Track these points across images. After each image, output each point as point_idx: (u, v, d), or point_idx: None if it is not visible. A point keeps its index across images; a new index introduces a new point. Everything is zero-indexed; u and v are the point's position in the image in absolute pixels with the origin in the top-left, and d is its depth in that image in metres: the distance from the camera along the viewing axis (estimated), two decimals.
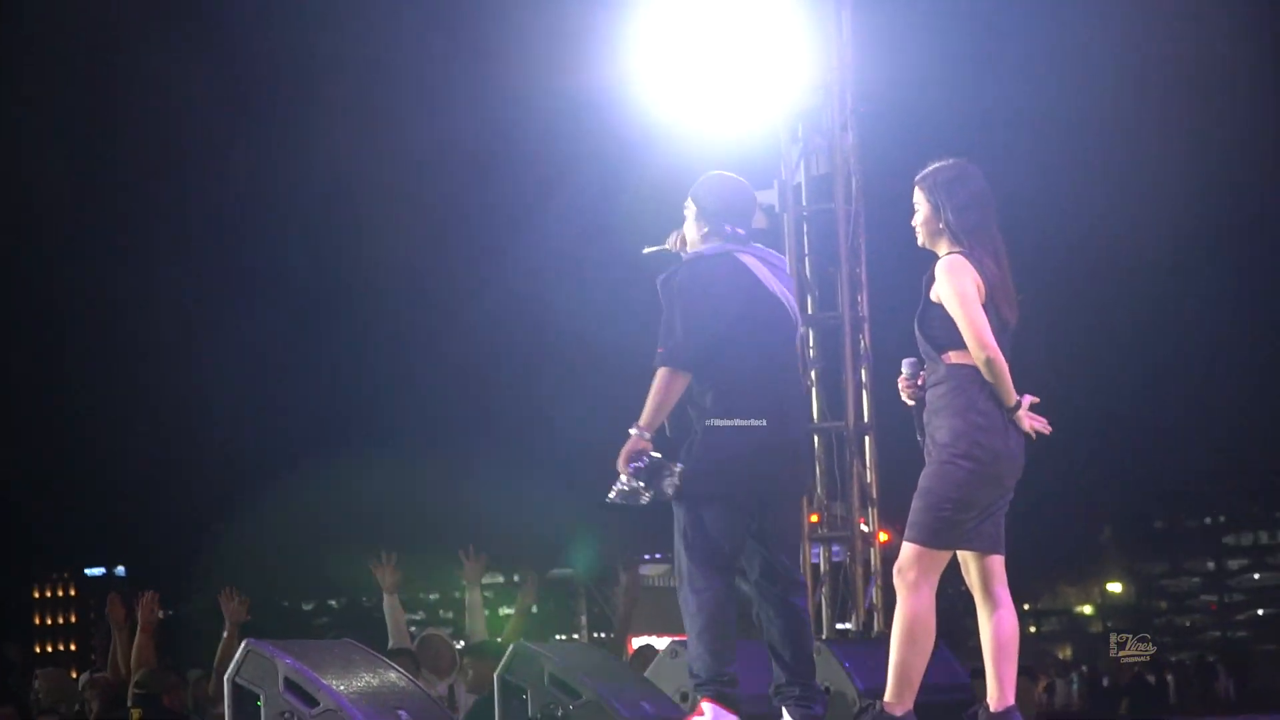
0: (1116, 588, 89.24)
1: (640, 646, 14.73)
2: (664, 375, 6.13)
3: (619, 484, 6.10)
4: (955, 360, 5.78)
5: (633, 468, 6.06)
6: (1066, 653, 65.89)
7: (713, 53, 11.55)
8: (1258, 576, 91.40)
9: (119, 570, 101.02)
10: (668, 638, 12.55)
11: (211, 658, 9.96)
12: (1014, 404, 5.74)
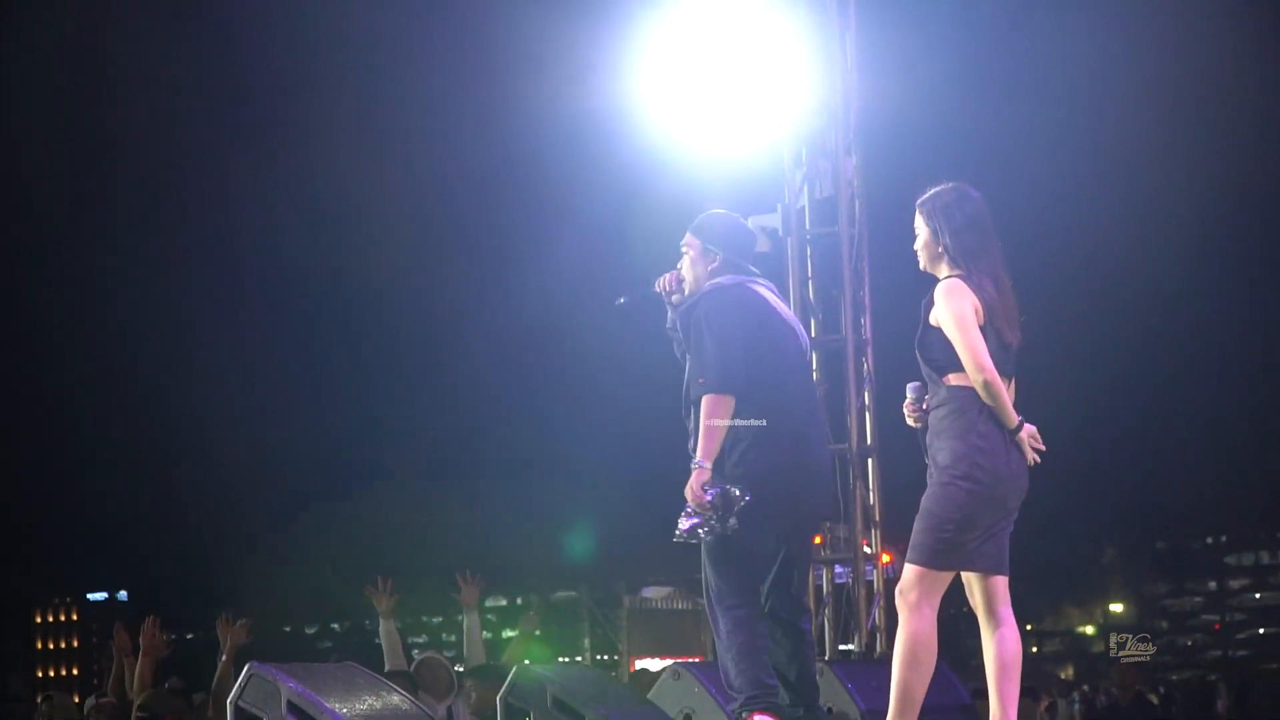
0: (1119, 608, 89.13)
1: (637, 670, 14.74)
2: (711, 402, 6.23)
3: (692, 519, 6.13)
4: (956, 382, 5.79)
5: (709, 498, 6.08)
6: (1069, 673, 65.86)
7: (716, 76, 11.55)
8: (1259, 596, 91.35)
9: (121, 595, 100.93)
10: (669, 660, 12.55)
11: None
12: (1015, 426, 5.74)
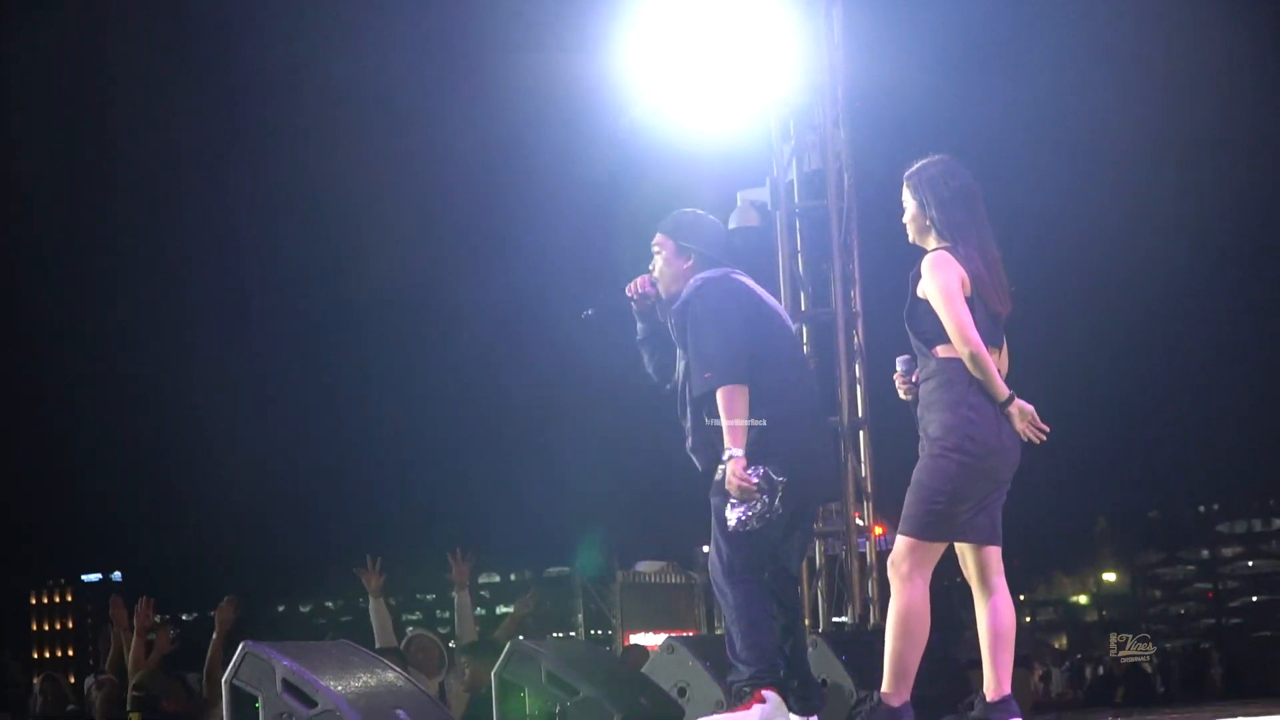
0: (1111, 577, 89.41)
1: (631, 645, 14.75)
2: (725, 394, 6.21)
3: (739, 507, 6.13)
4: (945, 355, 5.79)
5: (756, 481, 6.10)
6: (1062, 642, 66.02)
7: (704, 50, 11.54)
8: (1251, 564, 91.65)
9: (116, 575, 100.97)
10: (663, 634, 12.56)
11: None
12: (1005, 398, 5.75)
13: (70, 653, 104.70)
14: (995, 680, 5.81)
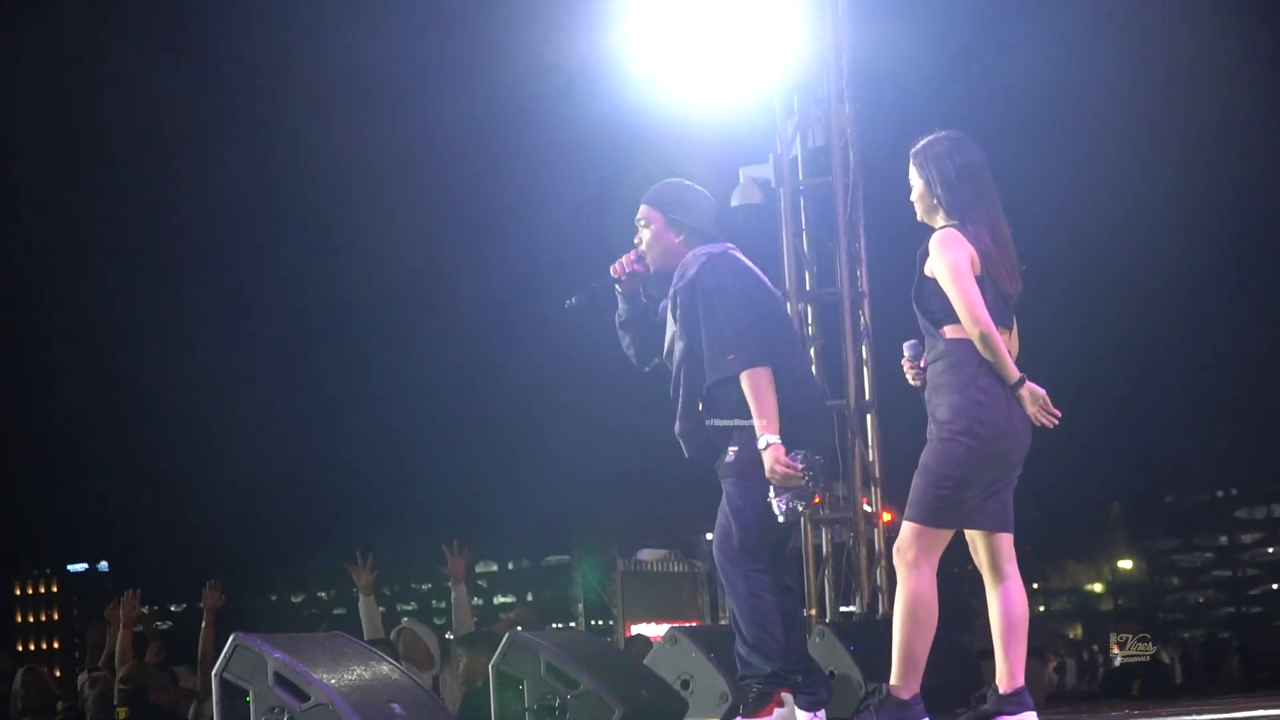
0: (1127, 565, 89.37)
1: (633, 635, 14.78)
2: (753, 376, 6.12)
3: (784, 494, 6.05)
4: (953, 335, 5.78)
5: (801, 466, 6.04)
6: (1077, 632, 66.03)
7: (705, 25, 11.53)
8: (1271, 550, 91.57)
9: (102, 566, 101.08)
10: (666, 625, 12.58)
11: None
12: (1015, 381, 5.73)
13: (56, 645, 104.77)
14: (1008, 671, 5.81)
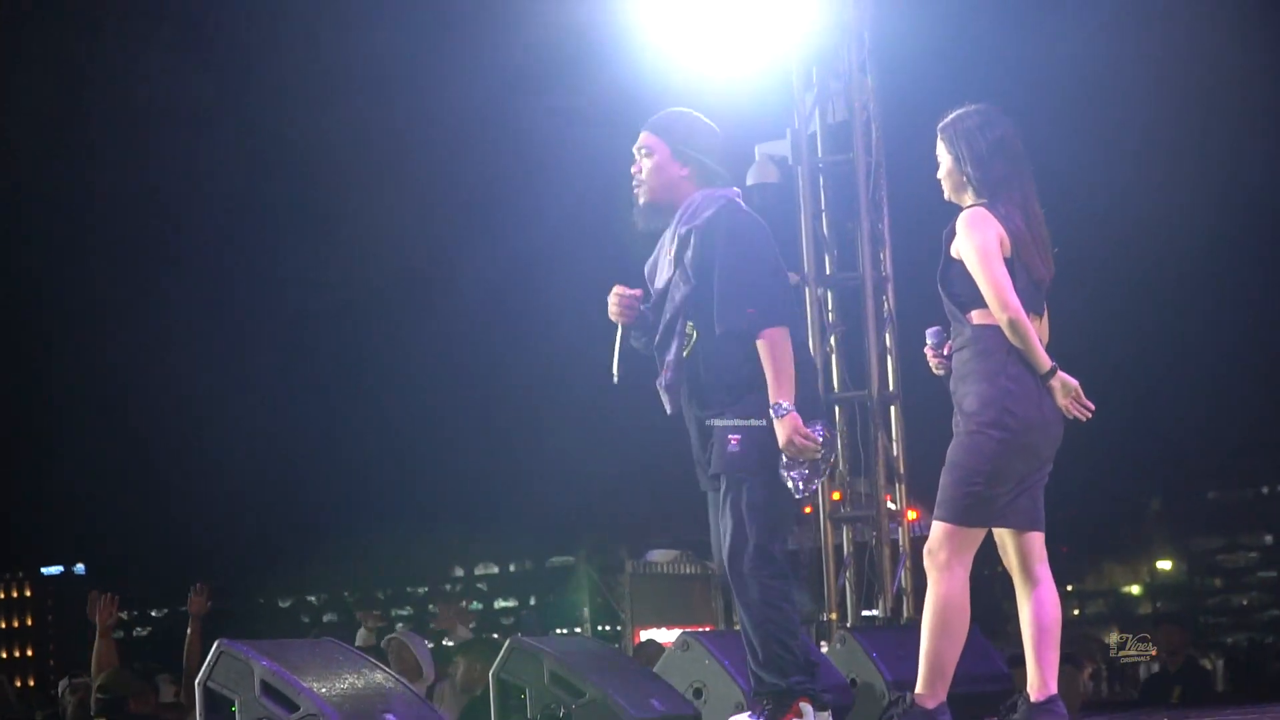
0: (1166, 565, 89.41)
1: (643, 641, 14.80)
2: (773, 336, 5.97)
3: (801, 468, 5.95)
4: (980, 321, 5.76)
5: (820, 438, 5.93)
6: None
7: None
8: None
9: (78, 568, 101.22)
10: (677, 629, 12.57)
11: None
12: (1047, 370, 5.71)
13: (29, 653, 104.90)
14: (1040, 679, 5.80)
